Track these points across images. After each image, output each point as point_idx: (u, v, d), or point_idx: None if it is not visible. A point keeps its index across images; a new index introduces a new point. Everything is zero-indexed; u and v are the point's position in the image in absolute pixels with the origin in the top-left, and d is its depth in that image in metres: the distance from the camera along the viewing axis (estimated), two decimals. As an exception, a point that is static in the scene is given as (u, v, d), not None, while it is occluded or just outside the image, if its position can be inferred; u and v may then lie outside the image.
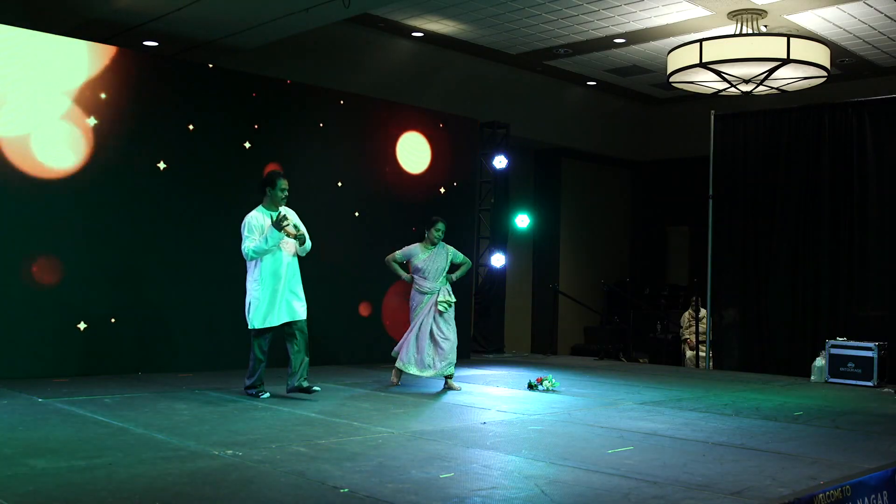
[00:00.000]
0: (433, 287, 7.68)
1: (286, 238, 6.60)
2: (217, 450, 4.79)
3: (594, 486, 4.15)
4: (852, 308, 9.90)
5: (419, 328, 7.62)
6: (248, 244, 6.53)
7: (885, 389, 8.57)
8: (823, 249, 10.15)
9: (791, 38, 9.74)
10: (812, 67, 10.01)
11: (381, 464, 4.53)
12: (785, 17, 10.71)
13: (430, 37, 12.14)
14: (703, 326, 11.69)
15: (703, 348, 11.46)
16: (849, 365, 8.98)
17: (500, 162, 12.13)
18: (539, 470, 4.50)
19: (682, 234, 16.55)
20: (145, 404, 6.39)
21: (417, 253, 7.76)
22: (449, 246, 7.88)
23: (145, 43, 10.11)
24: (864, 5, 10.39)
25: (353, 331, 9.88)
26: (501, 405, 6.87)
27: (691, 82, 10.94)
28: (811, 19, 10.86)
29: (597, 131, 15.72)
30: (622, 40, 12.17)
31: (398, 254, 7.83)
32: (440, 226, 7.76)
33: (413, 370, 7.63)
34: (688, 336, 12.39)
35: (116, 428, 5.42)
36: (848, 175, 10.07)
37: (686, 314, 12.60)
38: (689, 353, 12.25)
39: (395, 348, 7.85)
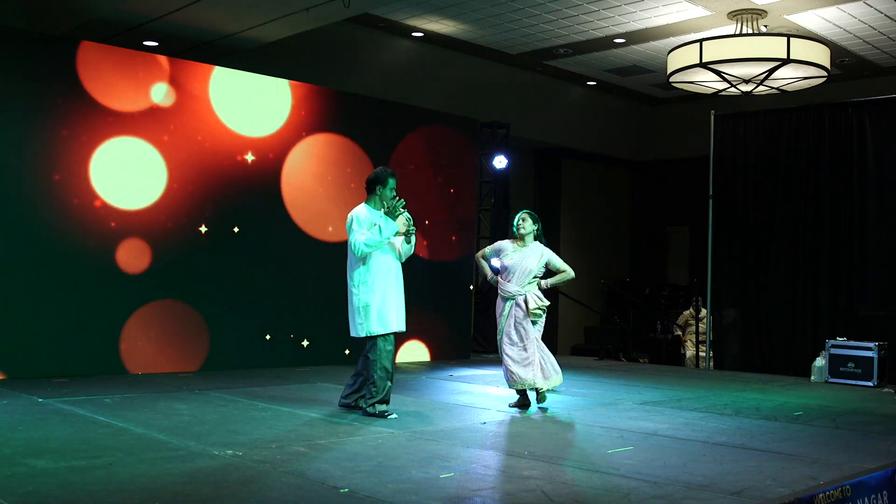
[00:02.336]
0: (517, 291, 6.69)
1: (394, 236, 6.09)
2: (217, 450, 4.80)
3: (594, 486, 4.15)
4: (852, 308, 9.90)
5: (513, 338, 6.66)
6: (360, 237, 5.97)
7: (885, 389, 8.57)
8: (823, 249, 10.15)
9: (791, 38, 9.74)
10: (812, 67, 10.01)
11: (381, 464, 4.54)
12: (785, 17, 10.71)
13: (430, 37, 12.14)
14: (703, 326, 11.69)
15: (704, 348, 11.46)
16: (849, 365, 8.98)
17: (500, 162, 12.12)
18: (539, 470, 4.50)
19: (682, 234, 16.55)
20: (145, 404, 6.39)
21: (507, 249, 6.79)
22: (547, 249, 6.90)
23: (145, 43, 10.10)
24: (864, 5, 10.38)
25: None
26: (501, 405, 6.87)
27: (691, 82, 10.94)
28: (811, 19, 10.85)
29: (597, 131, 15.72)
30: (622, 40, 12.17)
31: (488, 249, 6.98)
32: (521, 218, 6.83)
33: (537, 384, 6.61)
34: (681, 335, 12.40)
35: (116, 428, 5.42)
36: (848, 175, 10.07)
37: (686, 313, 12.60)
38: (689, 353, 12.25)
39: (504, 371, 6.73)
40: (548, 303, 6.76)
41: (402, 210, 6.12)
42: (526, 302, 6.65)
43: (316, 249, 9.52)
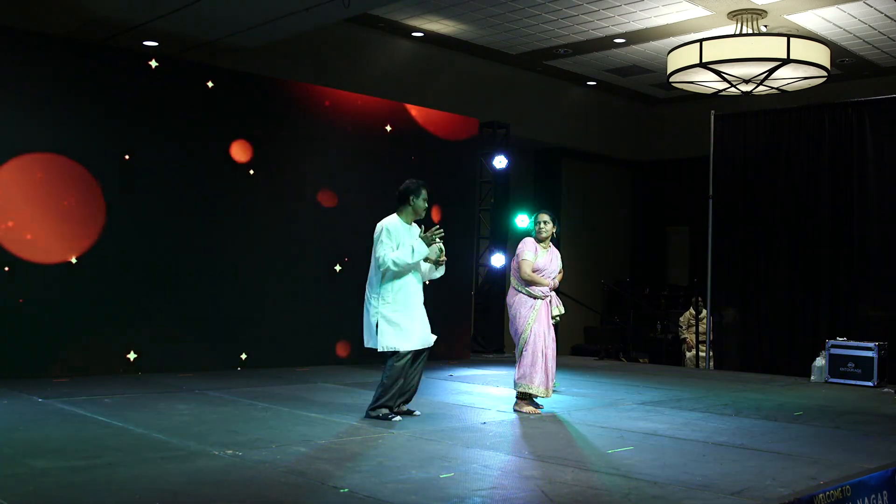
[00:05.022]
0: (545, 293, 6.59)
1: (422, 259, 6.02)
2: (217, 450, 4.80)
3: (594, 486, 4.15)
4: (852, 308, 9.90)
5: (544, 342, 6.55)
6: (389, 253, 5.85)
7: (885, 389, 8.57)
8: (823, 249, 10.15)
9: (791, 38, 9.75)
10: (812, 67, 10.02)
11: (381, 464, 4.54)
12: (785, 17, 10.71)
13: (430, 37, 12.14)
14: (703, 326, 11.69)
15: (703, 348, 11.47)
16: (849, 365, 8.97)
17: (500, 162, 12.12)
18: (539, 470, 4.50)
19: (682, 234, 16.55)
20: (145, 404, 6.39)
21: (536, 251, 6.61)
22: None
23: (145, 43, 10.10)
24: (864, 5, 10.39)
25: (355, 331, 9.83)
26: (501, 405, 6.87)
27: (691, 82, 10.94)
28: (811, 19, 10.86)
29: (597, 131, 15.72)
30: (622, 40, 12.17)
31: (529, 258, 6.55)
32: (541, 217, 6.63)
33: (542, 392, 6.48)
34: (687, 336, 12.38)
35: (116, 428, 5.42)
36: (848, 175, 10.08)
37: (687, 314, 12.60)
38: (688, 354, 12.25)
39: (521, 373, 6.50)
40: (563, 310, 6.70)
41: (439, 241, 6.09)
42: (550, 303, 6.62)
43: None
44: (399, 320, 5.95)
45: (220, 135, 8.92)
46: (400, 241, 5.97)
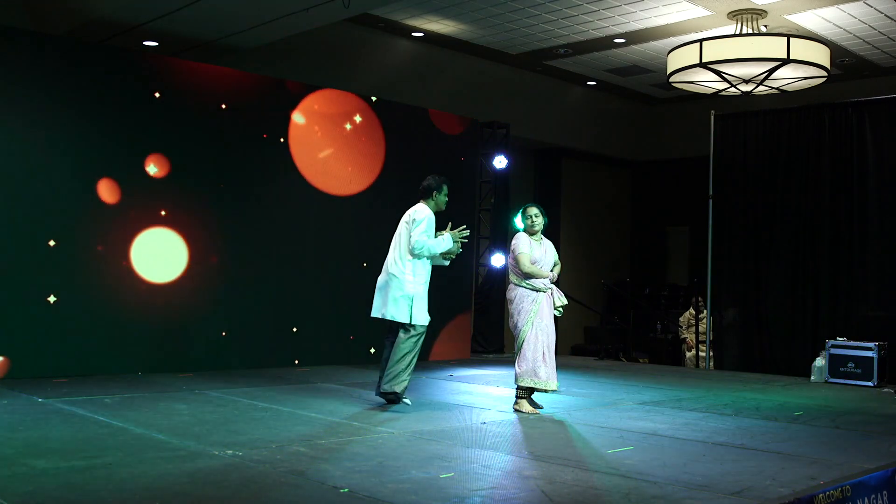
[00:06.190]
0: (547, 285, 6.60)
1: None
2: (217, 450, 4.80)
3: (594, 486, 4.15)
4: (852, 308, 9.90)
5: (546, 336, 6.57)
6: (427, 240, 6.37)
7: (885, 389, 8.57)
8: (823, 249, 10.15)
9: (791, 38, 9.74)
10: (812, 67, 10.01)
11: (381, 464, 4.54)
12: (785, 17, 10.71)
13: (430, 37, 12.14)
14: (703, 326, 11.69)
15: (703, 348, 11.46)
16: (849, 365, 8.98)
17: (500, 162, 12.12)
18: (539, 470, 4.50)
19: (682, 234, 16.54)
20: (145, 404, 6.39)
21: (530, 244, 6.60)
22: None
23: (145, 43, 10.10)
24: (864, 5, 10.38)
25: (355, 331, 9.85)
26: (501, 405, 6.87)
27: (691, 82, 10.94)
28: (811, 19, 10.85)
29: (597, 131, 15.71)
30: (622, 40, 12.17)
31: (525, 251, 6.53)
32: (531, 211, 6.67)
33: (551, 385, 6.54)
34: (687, 336, 12.38)
35: (116, 428, 5.42)
36: (848, 175, 10.07)
37: (687, 314, 12.59)
38: (688, 354, 12.24)
39: (524, 368, 6.51)
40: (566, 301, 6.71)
41: (463, 239, 6.63)
42: (551, 296, 6.62)
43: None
44: (424, 296, 6.50)
45: (219, 133, 8.94)
46: (430, 232, 6.52)
